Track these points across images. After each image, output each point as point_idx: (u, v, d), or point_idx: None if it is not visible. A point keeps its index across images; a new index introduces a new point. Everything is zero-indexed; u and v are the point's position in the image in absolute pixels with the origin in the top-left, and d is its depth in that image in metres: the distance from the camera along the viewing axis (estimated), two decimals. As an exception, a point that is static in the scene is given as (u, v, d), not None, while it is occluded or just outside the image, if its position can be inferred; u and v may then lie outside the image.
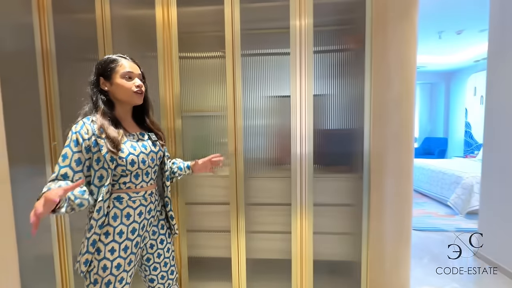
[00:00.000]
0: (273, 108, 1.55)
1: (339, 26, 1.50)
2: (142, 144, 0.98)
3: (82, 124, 0.90)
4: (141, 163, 0.95)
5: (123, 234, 0.92)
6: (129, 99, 0.96)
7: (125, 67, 0.95)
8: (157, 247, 1.06)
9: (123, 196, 0.94)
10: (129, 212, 0.94)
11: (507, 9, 1.99)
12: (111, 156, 0.88)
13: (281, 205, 1.51)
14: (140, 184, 0.97)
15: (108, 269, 0.90)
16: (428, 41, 4.25)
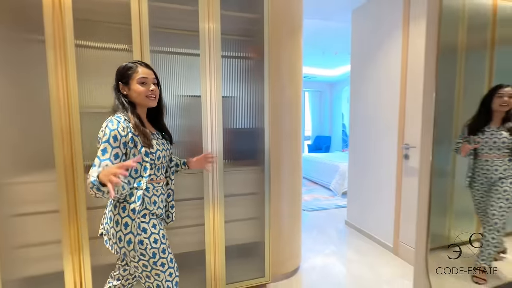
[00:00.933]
0: (184, 107, 1.59)
1: (244, 36, 1.70)
2: (162, 142, 1.12)
3: (117, 122, 0.98)
4: (163, 158, 1.09)
5: (154, 214, 1.08)
6: (144, 103, 1.07)
7: (140, 73, 1.04)
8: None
9: (149, 186, 1.06)
10: (155, 199, 1.09)
11: (361, 40, 2.73)
12: (145, 151, 1.01)
13: (194, 200, 1.59)
14: (159, 176, 1.11)
15: (158, 240, 1.05)
16: (316, 56, 5.19)
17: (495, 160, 1.40)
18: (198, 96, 1.53)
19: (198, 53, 1.50)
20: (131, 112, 1.03)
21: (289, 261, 1.94)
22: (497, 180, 1.40)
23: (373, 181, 2.59)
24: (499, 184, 1.40)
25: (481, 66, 1.45)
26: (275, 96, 1.75)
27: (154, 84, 1.07)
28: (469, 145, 1.41)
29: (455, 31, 1.45)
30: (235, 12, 1.61)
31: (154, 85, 1.08)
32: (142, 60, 1.18)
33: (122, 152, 0.97)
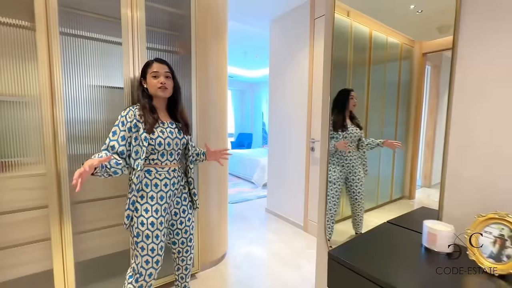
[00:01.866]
0: (103, 98, 1.47)
1: (171, 31, 1.69)
2: (170, 130, 1.22)
3: (128, 110, 1.16)
4: (166, 145, 1.19)
5: (154, 199, 1.17)
6: (156, 93, 1.20)
7: (153, 67, 1.20)
8: (179, 215, 1.31)
9: (151, 169, 1.19)
10: (156, 182, 1.18)
11: (278, 47, 3.08)
12: (145, 136, 1.13)
13: (117, 198, 1.50)
14: (165, 162, 1.21)
15: (145, 224, 1.14)
16: (238, 57, 5.45)
17: (352, 152, 1.72)
18: (120, 87, 1.45)
19: (120, 42, 1.42)
20: (142, 103, 1.19)
21: (216, 249, 2.06)
22: (353, 168, 1.73)
23: (288, 171, 2.99)
24: (356, 171, 1.74)
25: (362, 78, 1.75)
26: (202, 93, 1.82)
27: (166, 77, 1.21)
28: (344, 141, 1.65)
29: (345, 50, 1.83)
30: (161, 5, 1.59)
31: (167, 78, 1.21)
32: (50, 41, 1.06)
33: (128, 135, 1.13)
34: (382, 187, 1.70)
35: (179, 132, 1.25)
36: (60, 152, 1.28)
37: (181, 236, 1.33)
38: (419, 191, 1.40)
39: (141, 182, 1.16)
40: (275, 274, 1.97)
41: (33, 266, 1.28)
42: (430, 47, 1.26)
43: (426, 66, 1.30)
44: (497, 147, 0.86)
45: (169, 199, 1.23)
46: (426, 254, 0.87)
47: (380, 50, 1.62)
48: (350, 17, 1.64)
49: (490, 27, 0.88)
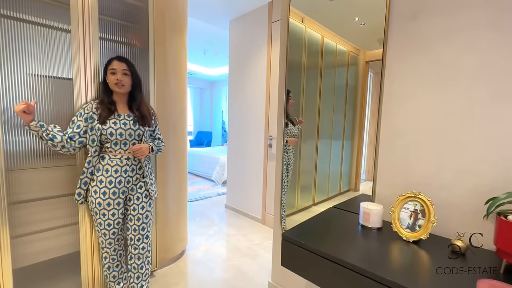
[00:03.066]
0: (48, 90, 1.35)
1: (127, 22, 1.62)
2: (124, 122, 1.33)
3: (88, 103, 1.34)
4: (118, 135, 1.31)
5: (102, 182, 1.30)
6: (114, 89, 1.33)
7: (112, 65, 1.32)
8: (133, 201, 1.40)
9: (105, 156, 1.33)
10: (107, 168, 1.31)
11: (237, 47, 3.15)
12: (98, 127, 1.28)
13: (64, 196, 1.40)
14: (118, 150, 1.33)
15: (93, 203, 1.31)
16: (197, 55, 5.36)
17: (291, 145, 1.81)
18: (69, 78, 1.35)
19: (68, 29, 1.33)
20: (101, 97, 1.35)
21: (176, 246, 2.05)
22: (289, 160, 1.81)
23: (247, 168, 3.09)
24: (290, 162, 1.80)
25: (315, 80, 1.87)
26: (161, 88, 1.79)
27: (124, 74, 1.32)
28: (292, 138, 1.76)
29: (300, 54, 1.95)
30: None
31: (124, 75, 1.33)
32: None
33: (83, 124, 1.29)
34: (332, 181, 1.82)
35: (134, 123, 1.35)
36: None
37: (134, 223, 1.40)
38: (363, 184, 1.53)
39: (93, 166, 1.31)
40: (234, 265, 2.05)
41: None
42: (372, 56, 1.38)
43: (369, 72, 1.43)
44: (413, 139, 1.07)
45: (120, 185, 1.34)
46: (362, 230, 1.04)
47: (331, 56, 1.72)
48: (304, 23, 1.75)
49: (408, 45, 1.09)
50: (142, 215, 1.41)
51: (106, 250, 1.39)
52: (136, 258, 1.43)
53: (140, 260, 1.43)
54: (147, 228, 1.44)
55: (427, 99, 1.03)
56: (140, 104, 1.40)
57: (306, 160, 1.91)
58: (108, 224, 1.34)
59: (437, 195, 1.00)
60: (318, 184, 1.88)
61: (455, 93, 0.96)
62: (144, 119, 1.39)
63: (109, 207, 1.32)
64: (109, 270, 1.43)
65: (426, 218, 0.92)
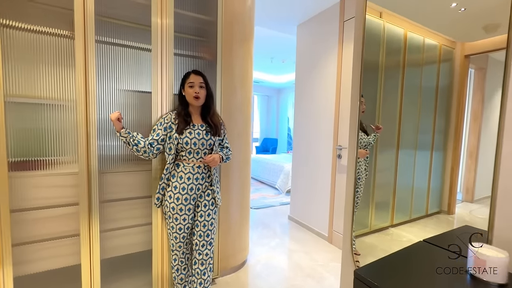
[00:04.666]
0: (132, 102, 1.53)
1: (198, 36, 1.73)
2: (198, 132, 1.42)
3: (168, 113, 1.44)
4: (192, 145, 1.40)
5: (176, 188, 1.40)
6: (191, 102, 1.43)
7: (190, 78, 1.42)
8: (201, 208, 1.47)
9: (180, 164, 1.43)
10: (181, 175, 1.41)
11: (304, 52, 3.03)
12: (175, 136, 1.38)
13: (141, 198, 1.54)
14: (191, 158, 1.42)
15: (167, 207, 1.41)
16: (264, 63, 5.46)
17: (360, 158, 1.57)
18: (148, 92, 1.50)
19: (149, 48, 1.48)
20: (178, 109, 1.46)
21: (237, 255, 2.03)
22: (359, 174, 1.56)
23: (313, 179, 2.88)
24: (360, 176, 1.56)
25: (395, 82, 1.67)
26: (227, 97, 1.82)
27: (200, 87, 1.42)
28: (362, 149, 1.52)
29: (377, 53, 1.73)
30: (188, 12, 1.64)
31: (201, 88, 1.42)
32: (86, 48, 1.13)
33: (163, 133, 1.41)
34: (417, 199, 1.60)
35: (207, 134, 1.43)
36: (91, 152, 1.35)
37: (200, 229, 1.46)
38: (460, 205, 1.31)
39: (170, 173, 1.41)
40: (296, 286, 1.88)
41: (63, 260, 1.36)
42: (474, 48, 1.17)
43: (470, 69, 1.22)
44: None
45: (191, 191, 1.41)
46: (473, 283, 0.75)
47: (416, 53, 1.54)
48: (382, 18, 1.56)
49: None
50: (207, 222, 1.47)
51: (175, 253, 1.46)
52: (199, 264, 1.46)
53: (203, 266, 1.46)
54: (211, 235, 1.48)
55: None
56: (212, 115, 1.48)
57: (383, 173, 1.71)
58: (180, 228, 1.41)
59: None
60: (398, 202, 1.65)
61: None
62: (216, 129, 1.46)
63: (181, 212, 1.40)
64: (177, 272, 1.49)
65: None
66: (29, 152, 1.29)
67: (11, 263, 1.21)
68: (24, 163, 1.26)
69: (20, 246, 1.26)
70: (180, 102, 1.47)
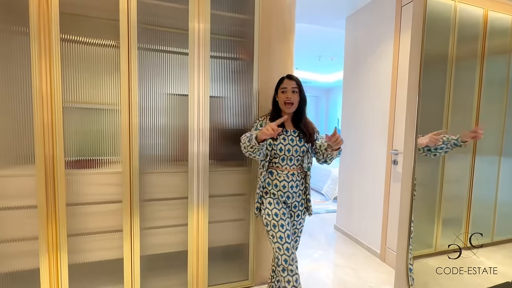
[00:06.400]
0: (171, 105, 1.58)
1: (234, 37, 1.70)
2: (291, 138, 1.36)
3: (263, 118, 1.44)
4: (286, 151, 1.34)
5: (275, 195, 1.36)
6: (282, 107, 1.40)
7: (283, 84, 1.40)
8: (293, 218, 1.42)
9: (273, 171, 1.38)
10: (276, 183, 1.36)
11: (354, 46, 2.75)
12: (269, 142, 1.33)
13: (178, 199, 1.58)
14: (284, 166, 1.36)
15: (270, 215, 1.33)
16: (311, 62, 5.22)
17: None
18: (185, 95, 1.52)
19: (186, 52, 1.50)
20: (272, 114, 1.42)
21: (274, 264, 1.93)
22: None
23: (363, 186, 2.59)
24: None
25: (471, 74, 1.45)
26: (266, 99, 1.74)
27: (293, 92, 1.37)
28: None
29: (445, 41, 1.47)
30: (225, 12, 1.62)
31: (293, 93, 1.37)
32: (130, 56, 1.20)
33: None
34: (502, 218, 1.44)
35: (300, 140, 1.37)
36: (133, 153, 1.42)
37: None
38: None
39: (264, 180, 1.38)
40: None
41: (109, 253, 1.47)
42: None
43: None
44: None
45: (288, 200, 1.37)
46: None
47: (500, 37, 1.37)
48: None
49: None
50: (298, 230, 1.45)
51: (289, 271, 1.27)
52: None
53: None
54: (299, 241, 1.47)
55: None
56: (305, 122, 1.42)
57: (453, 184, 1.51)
58: (288, 236, 1.29)
59: None
60: (474, 219, 1.45)
61: None
62: (309, 135, 1.39)
63: (284, 216, 1.33)
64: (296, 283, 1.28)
65: None
66: (82, 152, 1.43)
67: (67, 251, 1.36)
68: (78, 162, 1.41)
69: (74, 237, 1.40)
70: (273, 107, 1.45)
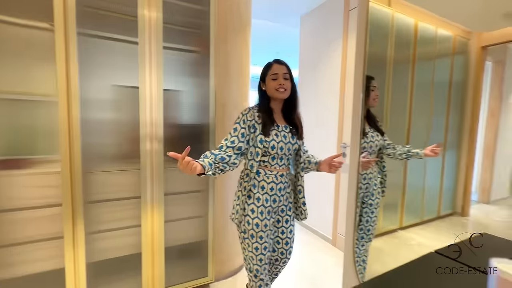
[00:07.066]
0: (119, 98, 1.46)
1: (189, 28, 1.63)
2: (284, 134, 1.19)
3: (248, 109, 1.19)
4: (278, 149, 1.17)
5: (260, 200, 1.17)
6: (274, 95, 1.19)
7: (273, 69, 1.19)
8: (282, 224, 1.27)
9: (261, 171, 1.19)
10: (263, 185, 1.18)
11: (308, 45, 2.89)
12: (260, 139, 1.14)
13: (130, 199, 1.48)
14: (274, 165, 1.19)
15: (250, 224, 1.15)
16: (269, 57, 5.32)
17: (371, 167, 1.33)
18: (136, 87, 1.42)
19: (136, 41, 1.40)
20: (260, 105, 1.22)
21: (234, 258, 1.95)
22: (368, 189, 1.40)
23: (316, 178, 2.76)
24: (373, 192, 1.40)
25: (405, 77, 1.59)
26: (222, 93, 1.73)
27: (285, 79, 1.18)
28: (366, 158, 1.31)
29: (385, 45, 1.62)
30: (179, 1, 1.54)
31: (285, 79, 1.18)
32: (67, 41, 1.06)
33: (247, 133, 1.16)
34: (428, 200, 1.54)
35: (292, 136, 1.22)
36: (74, 151, 1.28)
37: (281, 246, 1.28)
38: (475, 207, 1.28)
39: (249, 181, 1.17)
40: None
41: (45, 264, 1.31)
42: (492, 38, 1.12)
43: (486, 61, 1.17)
44: None
45: (274, 203, 1.20)
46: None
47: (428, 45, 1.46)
48: (391, 7, 1.45)
49: None
50: (290, 239, 1.29)
51: (260, 278, 1.20)
52: (273, 274, 1.36)
53: (277, 276, 1.39)
54: (292, 252, 1.33)
55: None
56: (298, 114, 1.27)
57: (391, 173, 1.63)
58: (265, 247, 1.17)
59: None
60: (407, 203, 1.59)
61: None
62: (301, 131, 1.26)
63: (265, 228, 1.16)
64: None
65: None
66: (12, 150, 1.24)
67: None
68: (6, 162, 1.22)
69: (3, 249, 1.21)
70: (260, 98, 1.23)
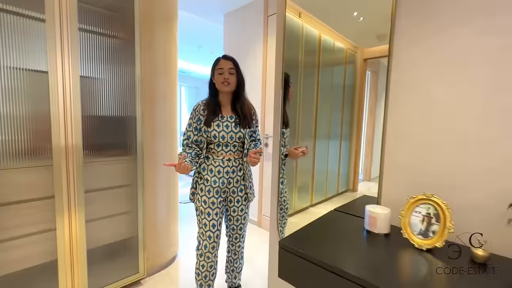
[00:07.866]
0: (18, 83, 1.22)
1: (110, 11, 1.50)
2: (226, 124, 1.36)
3: (197, 105, 1.42)
4: (220, 138, 1.35)
5: (208, 181, 1.37)
6: (220, 89, 1.37)
7: (219, 64, 1.37)
8: (233, 203, 1.45)
9: (209, 156, 1.40)
10: (211, 168, 1.38)
11: (232, 42, 3.04)
12: (204, 129, 1.36)
13: (40, 200, 1.27)
14: (220, 151, 1.38)
15: (199, 201, 1.38)
16: (192, 52, 5.23)
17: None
18: (44, 71, 1.23)
19: (42, 18, 1.21)
20: (208, 99, 1.40)
21: (166, 251, 1.93)
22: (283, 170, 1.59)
23: (243, 168, 2.97)
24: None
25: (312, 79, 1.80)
26: (149, 84, 1.67)
27: (230, 74, 1.34)
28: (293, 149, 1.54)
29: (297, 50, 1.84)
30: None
31: (231, 74, 1.34)
32: None
33: (197, 124, 1.37)
34: (330, 182, 1.78)
35: (235, 126, 1.37)
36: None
37: (233, 223, 1.49)
38: (361, 184, 1.49)
39: (200, 165, 1.38)
40: (228, 272, 1.93)
41: None
42: (370, 53, 1.33)
43: (367, 71, 1.37)
44: (426, 136, 0.97)
45: (223, 185, 1.38)
46: (368, 236, 0.93)
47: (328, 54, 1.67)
48: (301, 18, 1.66)
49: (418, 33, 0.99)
50: (240, 216, 1.48)
51: (207, 256, 1.40)
52: (232, 253, 1.58)
53: (236, 255, 1.58)
54: (244, 228, 1.52)
55: (441, 90, 0.93)
56: (242, 105, 1.41)
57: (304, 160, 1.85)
58: (213, 225, 1.37)
59: (451, 198, 0.90)
60: (316, 185, 1.84)
61: (476, 81, 0.86)
62: (245, 120, 1.40)
63: (213, 205, 1.36)
64: (205, 279, 1.44)
65: (441, 223, 0.82)
66: None
67: None
68: None
69: None
70: (210, 91, 1.41)
